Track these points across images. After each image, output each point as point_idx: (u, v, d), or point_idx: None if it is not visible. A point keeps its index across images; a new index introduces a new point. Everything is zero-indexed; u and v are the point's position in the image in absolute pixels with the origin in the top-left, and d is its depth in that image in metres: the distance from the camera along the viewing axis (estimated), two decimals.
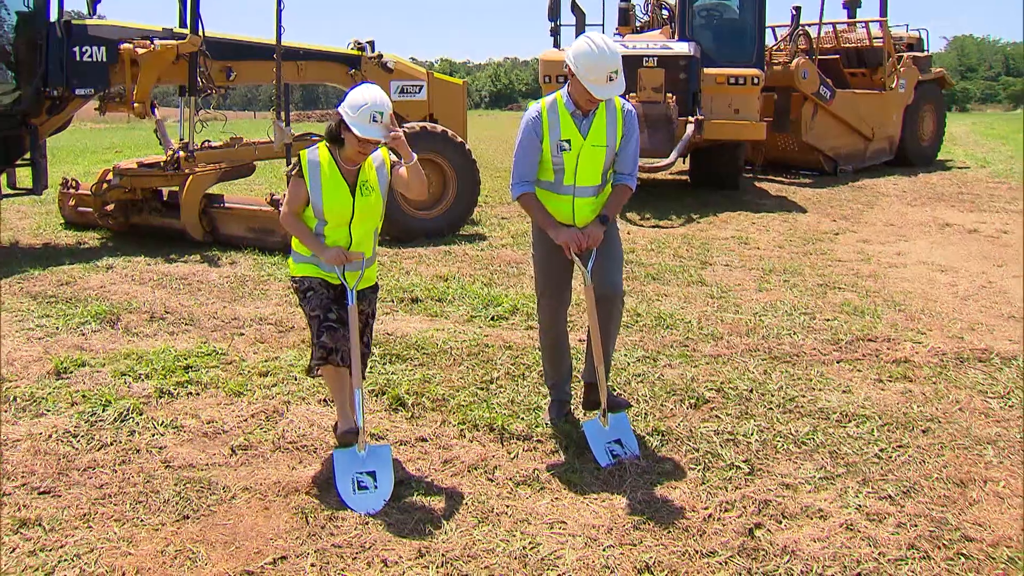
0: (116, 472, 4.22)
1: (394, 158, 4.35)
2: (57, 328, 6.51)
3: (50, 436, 4.58)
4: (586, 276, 4.48)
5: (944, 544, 3.60)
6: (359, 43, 10.95)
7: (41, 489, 4.04)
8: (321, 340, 4.17)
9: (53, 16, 9.10)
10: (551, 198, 4.51)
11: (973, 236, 10.71)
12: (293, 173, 4.24)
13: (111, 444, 4.52)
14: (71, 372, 5.56)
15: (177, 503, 3.92)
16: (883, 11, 18.19)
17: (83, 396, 5.12)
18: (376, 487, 3.98)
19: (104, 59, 9.32)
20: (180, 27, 9.66)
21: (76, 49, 9.16)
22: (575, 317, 6.69)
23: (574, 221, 4.51)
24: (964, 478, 4.17)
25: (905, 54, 18.53)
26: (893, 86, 17.59)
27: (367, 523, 3.75)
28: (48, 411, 4.93)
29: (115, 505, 3.90)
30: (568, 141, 4.39)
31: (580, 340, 5.81)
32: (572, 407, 4.95)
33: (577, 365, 5.03)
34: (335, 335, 4.16)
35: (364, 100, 4.09)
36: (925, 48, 20.29)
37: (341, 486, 3.99)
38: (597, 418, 4.51)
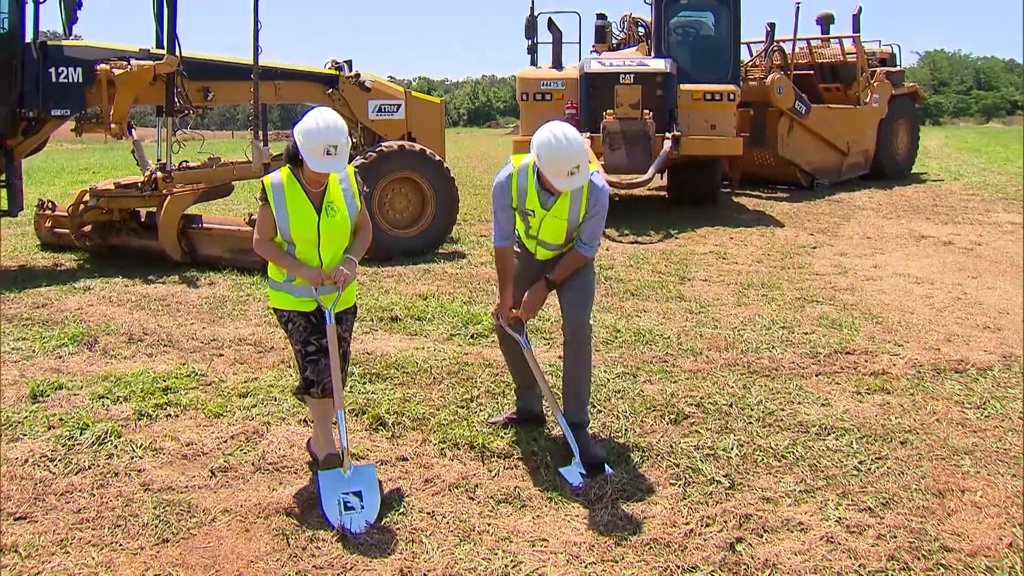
0: (94, 496, 4.17)
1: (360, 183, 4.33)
2: (33, 351, 6.45)
3: (26, 461, 4.53)
4: (522, 343, 4.73)
5: (923, 555, 3.63)
6: (337, 62, 10.96)
7: (17, 515, 3.99)
8: (305, 375, 4.29)
9: (28, 37, 9.05)
10: (521, 237, 4.77)
11: (948, 248, 10.83)
12: (259, 199, 4.18)
13: (89, 468, 4.47)
14: (48, 395, 5.51)
15: (156, 526, 3.89)
16: (856, 27, 18.40)
17: (60, 420, 5.06)
18: (363, 507, 3.96)
19: (80, 80, 9.27)
20: (157, 47, 9.62)
21: (52, 70, 9.11)
22: (555, 334, 6.71)
23: (535, 255, 4.77)
24: (942, 489, 4.21)
25: (878, 69, 18.78)
26: (867, 101, 17.82)
27: (348, 544, 3.74)
28: (24, 435, 4.88)
29: (93, 530, 3.86)
30: (532, 211, 4.57)
31: (558, 357, 5.82)
32: (537, 423, 5.02)
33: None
34: (317, 367, 4.26)
35: (318, 130, 3.99)
36: (898, 63, 20.60)
37: (327, 507, 3.96)
38: (574, 465, 4.44)
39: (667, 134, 12.59)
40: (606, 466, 4.42)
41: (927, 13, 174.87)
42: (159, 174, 9.56)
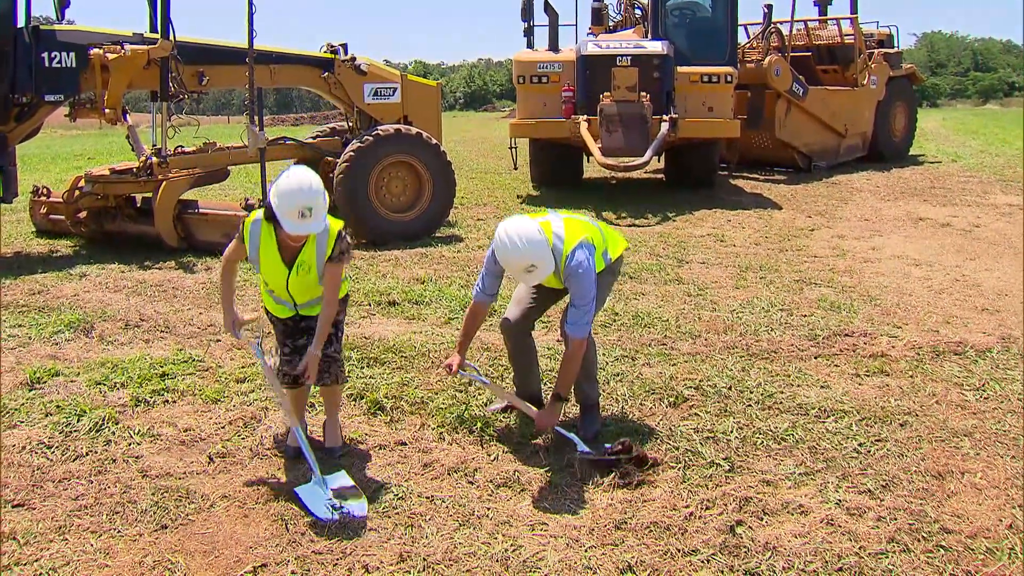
0: (92, 483, 4.17)
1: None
2: (30, 338, 6.42)
3: (24, 448, 4.52)
4: (483, 381, 4.86)
5: (923, 537, 3.63)
6: (332, 46, 10.88)
7: (15, 502, 3.98)
8: (282, 369, 4.44)
9: (21, 22, 8.97)
10: None
11: (946, 230, 10.81)
12: (235, 236, 4.22)
13: (86, 454, 4.46)
14: (45, 382, 5.49)
15: (155, 513, 3.88)
16: (854, 8, 18.32)
17: (57, 406, 5.05)
18: (351, 504, 3.93)
19: (74, 65, 9.19)
20: (151, 32, 9.54)
21: (45, 55, 9.02)
22: (553, 317, 6.69)
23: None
24: (942, 470, 4.21)
25: (876, 51, 18.69)
26: (865, 83, 17.74)
27: (347, 529, 3.73)
28: (21, 422, 4.86)
29: (91, 516, 3.85)
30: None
31: (557, 340, 5.81)
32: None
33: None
34: (290, 365, 4.39)
35: (290, 192, 3.88)
36: (895, 45, 20.49)
37: (318, 514, 3.86)
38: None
39: (664, 116, 12.53)
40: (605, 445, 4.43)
41: None
42: (154, 159, 9.51)
